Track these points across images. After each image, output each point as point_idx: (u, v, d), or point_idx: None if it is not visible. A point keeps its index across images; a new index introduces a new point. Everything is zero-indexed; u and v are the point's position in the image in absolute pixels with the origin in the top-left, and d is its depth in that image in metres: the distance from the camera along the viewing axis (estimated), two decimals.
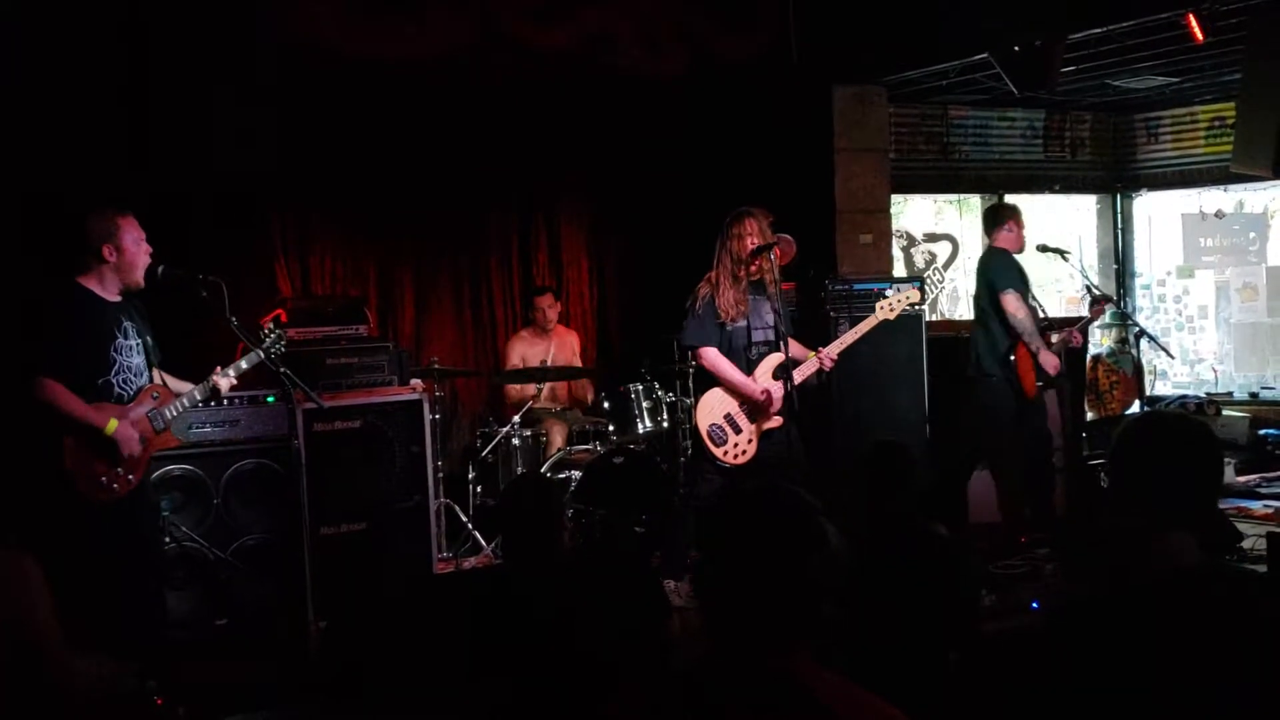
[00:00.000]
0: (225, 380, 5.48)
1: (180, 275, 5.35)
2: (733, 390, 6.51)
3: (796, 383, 6.31)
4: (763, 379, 6.51)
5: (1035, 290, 7.97)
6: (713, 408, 6.53)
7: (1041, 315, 7.86)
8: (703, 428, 6.50)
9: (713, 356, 6.51)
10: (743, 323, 6.50)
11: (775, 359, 6.48)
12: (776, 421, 6.50)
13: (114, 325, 5.15)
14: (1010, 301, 7.53)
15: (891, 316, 6.68)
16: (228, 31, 7.26)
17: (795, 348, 6.56)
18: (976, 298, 7.96)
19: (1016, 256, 7.83)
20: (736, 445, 6.51)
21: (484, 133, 8.67)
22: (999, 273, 7.70)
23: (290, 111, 7.70)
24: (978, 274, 8.02)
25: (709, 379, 6.63)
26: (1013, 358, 7.57)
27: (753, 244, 6.41)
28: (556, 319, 8.72)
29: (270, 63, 7.43)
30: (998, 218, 7.99)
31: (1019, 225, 7.88)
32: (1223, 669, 2.30)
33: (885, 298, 6.77)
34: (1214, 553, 2.63)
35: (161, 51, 7.22)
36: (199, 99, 7.33)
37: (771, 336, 6.52)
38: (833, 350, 6.53)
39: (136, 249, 5.18)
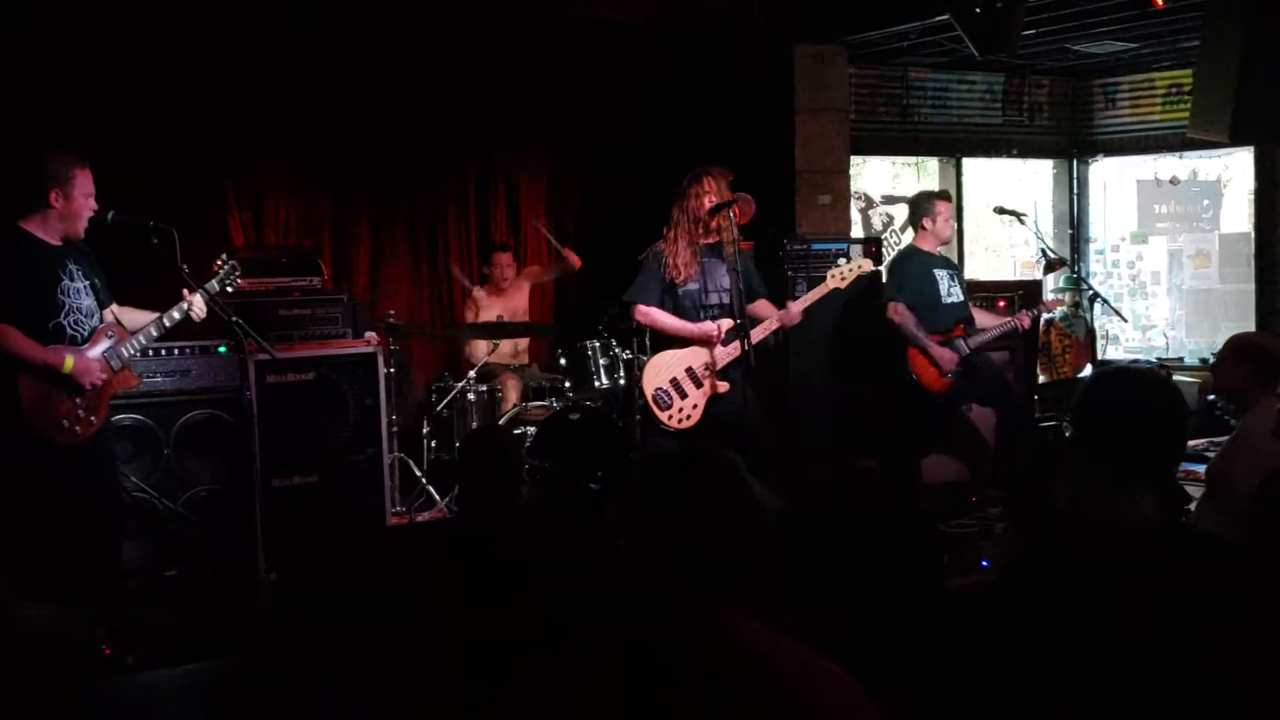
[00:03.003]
0: (199, 301, 5.37)
1: (131, 221, 5.28)
2: (679, 349, 6.44)
3: (755, 340, 6.27)
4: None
5: (991, 254, 7.92)
6: (659, 372, 6.46)
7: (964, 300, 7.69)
8: (648, 392, 6.42)
9: (644, 309, 6.45)
10: (694, 285, 6.41)
11: (729, 322, 6.40)
12: (724, 386, 6.43)
13: (58, 268, 5.08)
14: (890, 309, 7.43)
15: (842, 285, 6.60)
16: None
17: (765, 307, 6.53)
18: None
19: (939, 249, 7.68)
20: (682, 410, 6.42)
21: (442, 84, 8.59)
22: (892, 277, 7.66)
23: (244, 55, 7.60)
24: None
25: (664, 340, 6.54)
26: (906, 362, 7.40)
27: (710, 203, 6.34)
28: (514, 276, 8.68)
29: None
30: (913, 211, 7.75)
31: (937, 219, 7.57)
32: (1180, 627, 2.30)
33: (837, 265, 6.72)
34: (1170, 512, 2.63)
35: None
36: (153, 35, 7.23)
37: (726, 300, 6.44)
38: (798, 307, 6.44)
39: (84, 202, 5.11)
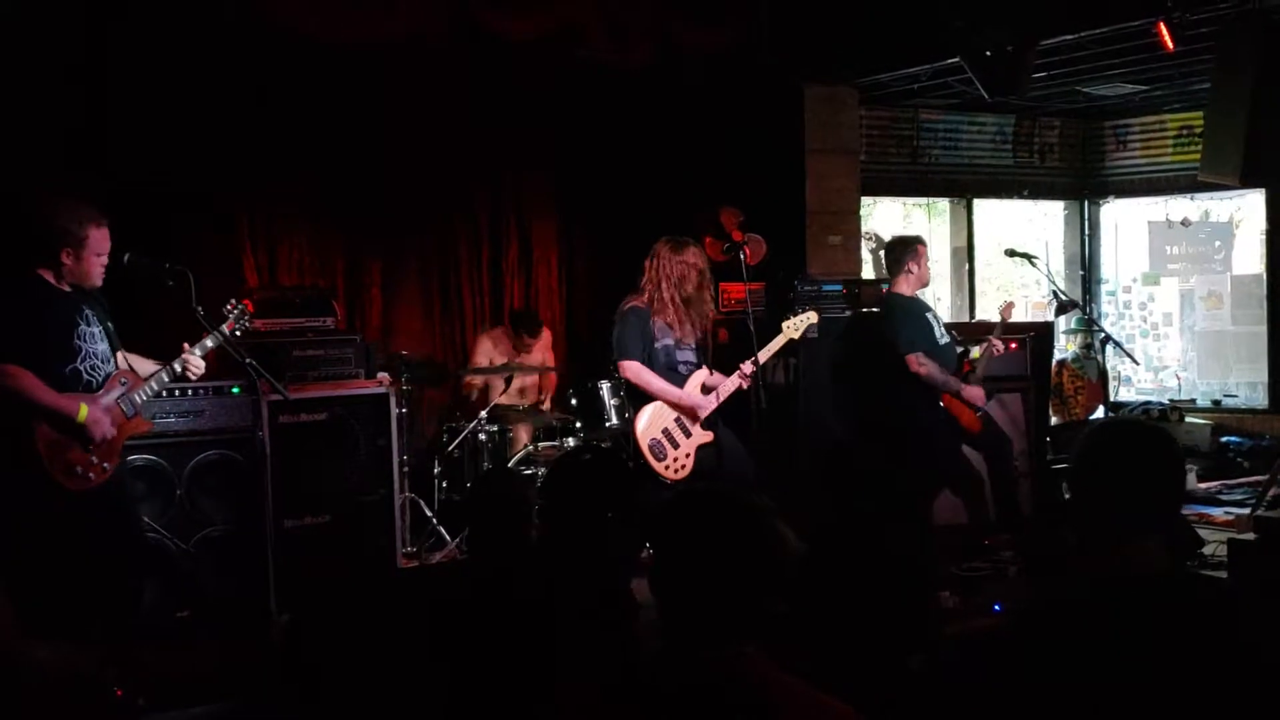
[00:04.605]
0: (194, 359, 5.37)
1: (147, 264, 5.30)
2: (665, 403, 6.58)
3: (721, 399, 6.56)
4: (692, 388, 6.62)
5: (1002, 295, 7.91)
6: (651, 422, 6.57)
7: (958, 338, 7.63)
8: (643, 444, 6.52)
9: (637, 369, 6.55)
10: (670, 340, 6.59)
11: (702, 375, 6.65)
12: (708, 436, 6.62)
13: (74, 313, 5.07)
14: (913, 363, 7.19)
15: (796, 336, 6.87)
16: (191, 11, 7.21)
17: (715, 376, 6.71)
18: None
19: (919, 293, 7.50)
20: (676, 460, 6.59)
21: (453, 123, 8.65)
22: (901, 330, 7.32)
23: (256, 98, 7.69)
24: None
25: (643, 394, 6.62)
26: (940, 404, 7.30)
27: (698, 275, 6.55)
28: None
29: (234, 42, 7.39)
30: (897, 256, 7.50)
31: (921, 263, 7.44)
32: (1189, 674, 2.31)
33: (788, 318, 6.89)
34: (1176, 559, 2.64)
35: (120, 30, 7.16)
36: (159, 79, 7.31)
37: (695, 357, 6.69)
38: (764, 357, 6.64)
39: (95, 261, 5.07)
